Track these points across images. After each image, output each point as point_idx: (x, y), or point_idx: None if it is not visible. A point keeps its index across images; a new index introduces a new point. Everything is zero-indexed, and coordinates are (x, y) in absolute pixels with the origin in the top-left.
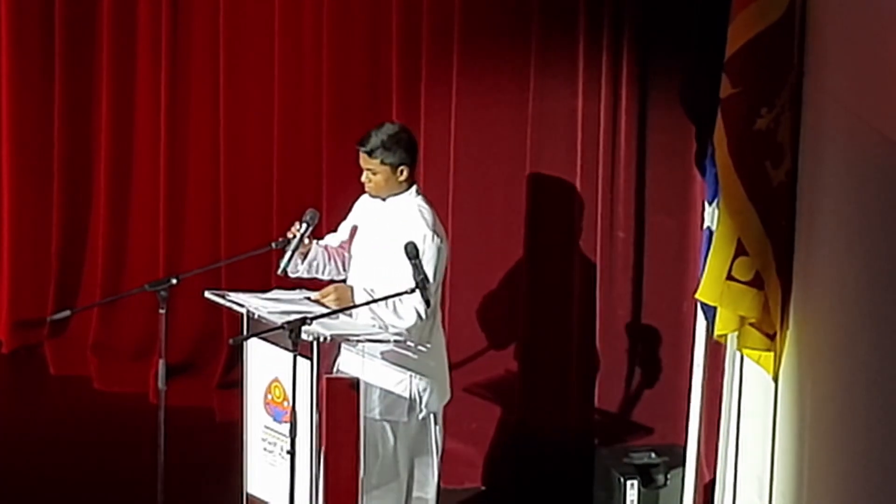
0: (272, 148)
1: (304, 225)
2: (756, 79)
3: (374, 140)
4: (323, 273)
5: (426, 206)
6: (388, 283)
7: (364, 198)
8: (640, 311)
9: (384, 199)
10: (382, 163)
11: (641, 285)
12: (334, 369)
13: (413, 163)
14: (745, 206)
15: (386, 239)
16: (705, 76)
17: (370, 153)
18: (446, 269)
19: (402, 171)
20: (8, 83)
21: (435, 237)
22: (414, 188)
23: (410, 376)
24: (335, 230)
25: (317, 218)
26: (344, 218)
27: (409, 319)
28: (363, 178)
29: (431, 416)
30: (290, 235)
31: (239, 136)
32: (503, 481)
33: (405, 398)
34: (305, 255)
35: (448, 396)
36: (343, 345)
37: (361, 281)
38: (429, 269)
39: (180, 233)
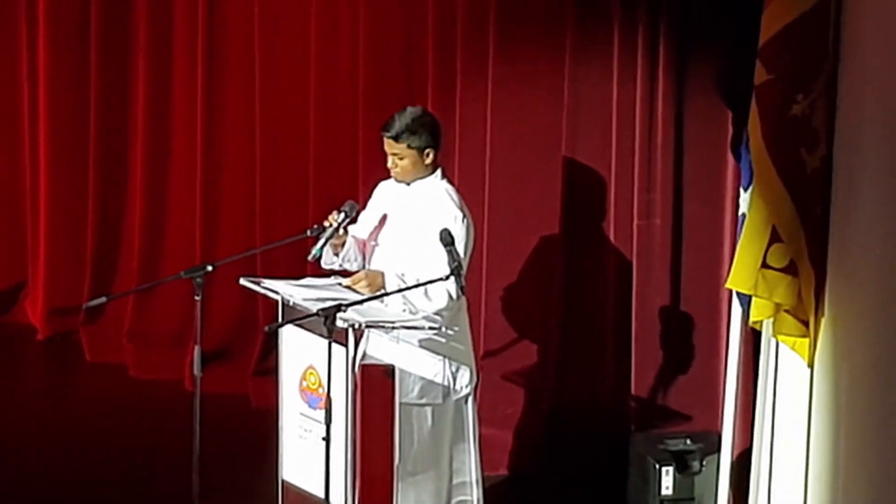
0: (308, 135)
1: (343, 214)
2: (791, 65)
3: (399, 124)
4: (353, 264)
5: (452, 189)
6: (418, 266)
7: (384, 185)
8: (677, 298)
9: (409, 184)
10: (409, 147)
11: (679, 272)
12: (360, 353)
13: (438, 146)
14: (779, 192)
15: (415, 223)
16: (742, 62)
17: (396, 138)
18: (474, 251)
19: (428, 154)
20: (45, 70)
21: (465, 218)
22: (439, 171)
23: (443, 360)
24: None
25: (356, 209)
26: (363, 207)
27: (440, 302)
28: (389, 164)
29: (466, 398)
30: (326, 224)
31: (275, 124)
32: (539, 467)
33: (438, 382)
34: (341, 246)
35: (476, 378)
36: (373, 330)
37: (391, 266)
38: (460, 250)
39: (216, 220)
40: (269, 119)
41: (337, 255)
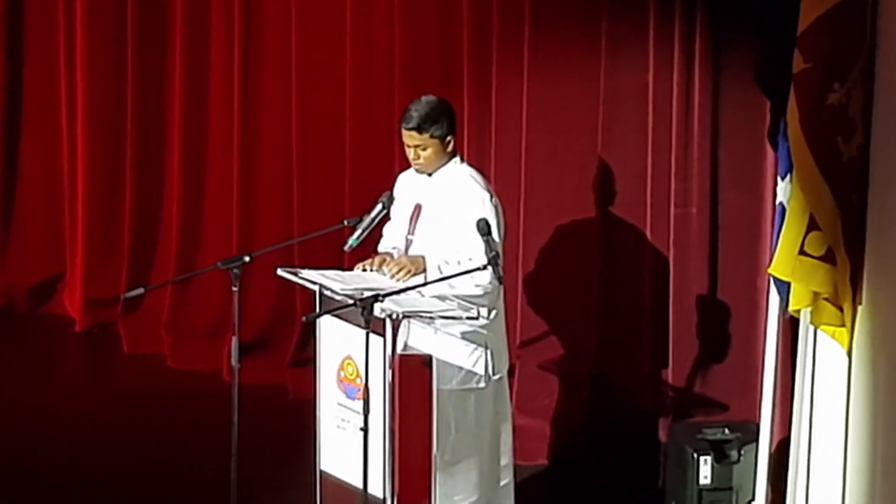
0: (345, 126)
1: (380, 205)
2: (828, 54)
3: (420, 115)
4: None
5: (475, 172)
6: (458, 253)
7: (404, 177)
8: (714, 287)
9: (430, 174)
10: (432, 136)
11: (716, 262)
12: (401, 345)
13: (455, 132)
14: (816, 180)
15: (445, 212)
16: (779, 51)
17: (419, 129)
18: (508, 240)
19: (448, 142)
20: (82, 60)
21: (492, 198)
22: (457, 157)
23: (482, 347)
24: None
25: (393, 200)
26: (388, 217)
27: (480, 288)
28: (411, 157)
29: (502, 381)
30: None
31: (312, 115)
32: (576, 457)
33: (478, 370)
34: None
35: (507, 364)
36: (414, 321)
37: (424, 250)
38: (494, 234)
39: (253, 210)
40: (305, 110)
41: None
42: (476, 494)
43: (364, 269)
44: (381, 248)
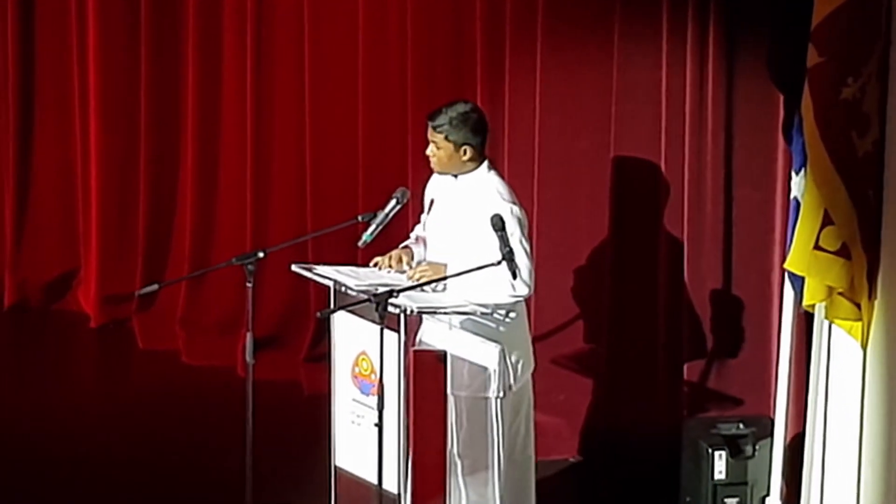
0: (357, 121)
1: (394, 201)
2: (842, 48)
3: (443, 116)
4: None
5: (500, 181)
6: (479, 257)
7: (434, 180)
8: (729, 282)
9: (456, 177)
10: (446, 139)
11: (730, 257)
12: (417, 340)
13: (480, 144)
14: (831, 175)
15: (462, 217)
16: (793, 45)
17: (436, 128)
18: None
19: (465, 151)
20: (95, 55)
21: (515, 208)
22: (485, 164)
23: (502, 350)
24: (419, 220)
25: (407, 196)
26: (421, 209)
27: (522, 290)
28: (428, 152)
29: (527, 385)
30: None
31: (325, 110)
32: (591, 453)
33: (497, 372)
34: (412, 259)
35: (533, 365)
36: (428, 317)
37: (439, 259)
38: (524, 243)
39: (267, 206)
40: (319, 105)
41: (409, 266)
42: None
43: (378, 266)
44: (411, 235)
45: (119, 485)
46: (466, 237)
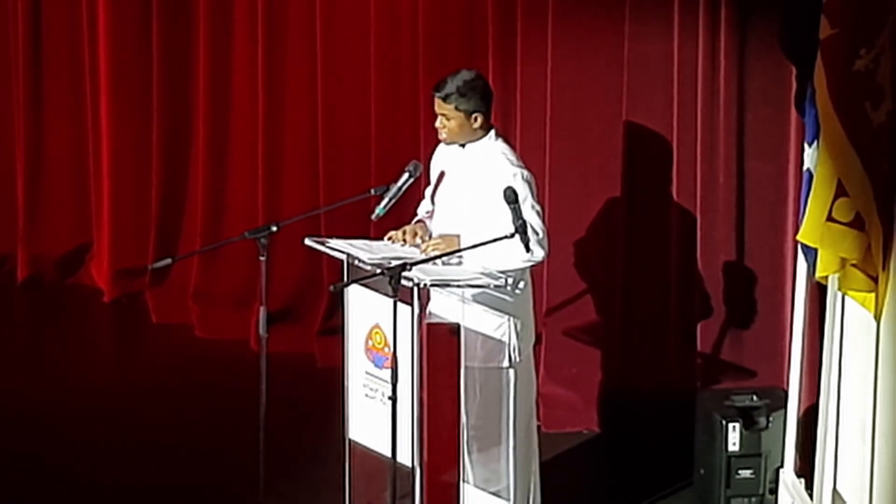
0: (370, 94)
1: (406, 174)
2: (855, 19)
3: (450, 86)
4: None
5: (508, 148)
6: (492, 229)
7: (439, 150)
8: (742, 254)
9: (463, 147)
10: (457, 109)
11: (743, 229)
12: (427, 313)
13: (487, 110)
14: (844, 146)
15: (472, 186)
16: (805, 16)
17: (445, 98)
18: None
19: (475, 119)
20: (105, 28)
21: (524, 172)
22: (492, 132)
23: (508, 319)
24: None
25: (419, 169)
26: (427, 182)
27: (539, 254)
28: (437, 124)
29: (529, 359)
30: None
31: (337, 83)
32: (604, 425)
33: (504, 342)
34: (427, 234)
35: (534, 338)
36: (438, 290)
37: (448, 229)
38: (528, 206)
39: (279, 180)
40: (331, 78)
41: (423, 240)
42: (503, 482)
43: (391, 241)
44: (418, 212)
45: (133, 459)
46: (477, 206)
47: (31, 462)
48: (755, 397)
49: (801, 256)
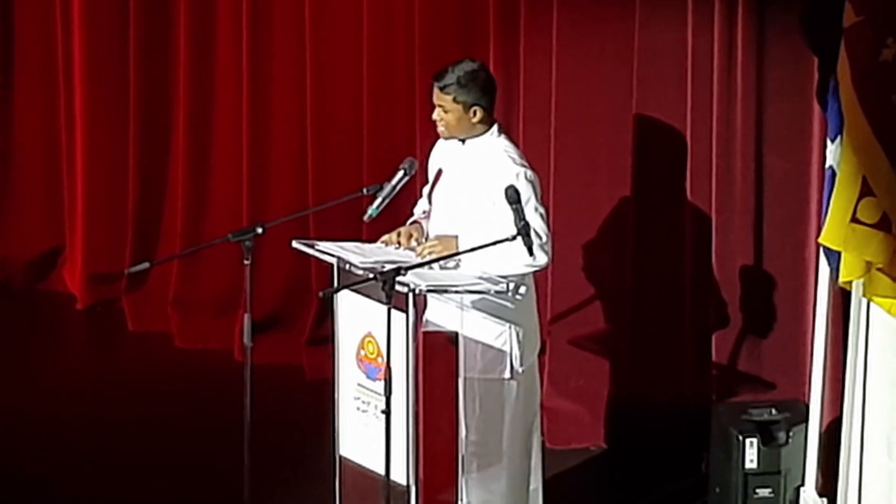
0: (362, 86)
1: (401, 172)
2: (881, 6)
3: (450, 75)
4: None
5: (510, 145)
6: (493, 232)
7: (438, 146)
8: (760, 257)
9: (463, 142)
10: (455, 100)
11: (761, 230)
12: (423, 321)
13: (489, 104)
14: (870, 142)
15: (472, 184)
16: (828, 4)
17: (443, 88)
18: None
19: (474, 112)
20: (80, 19)
21: (527, 172)
22: (495, 128)
23: (509, 327)
24: (421, 194)
25: (415, 167)
26: (424, 181)
27: (542, 259)
28: (434, 116)
29: (532, 368)
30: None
31: (326, 74)
32: (612, 441)
33: (505, 352)
34: (422, 236)
35: (539, 347)
36: (435, 296)
37: (446, 229)
38: (531, 207)
39: (265, 179)
40: (320, 70)
41: (419, 242)
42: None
43: (385, 244)
44: (414, 212)
45: (109, 476)
46: (477, 207)
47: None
48: (774, 411)
49: (823, 260)
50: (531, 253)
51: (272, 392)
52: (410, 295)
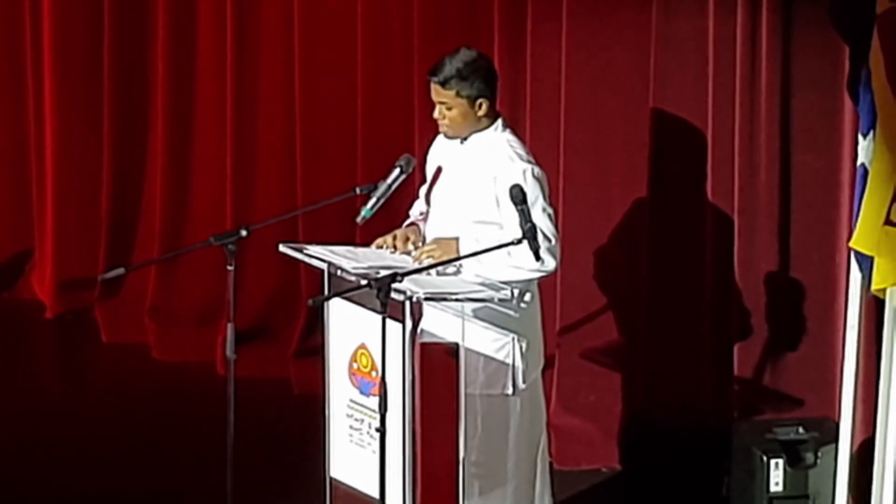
0: (356, 76)
1: (398, 170)
2: None
3: (449, 68)
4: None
5: (516, 140)
6: (496, 234)
7: (437, 144)
8: (786, 263)
9: (464, 139)
10: (458, 95)
11: (788, 234)
12: (419, 330)
13: (493, 95)
14: None
15: (473, 183)
16: None
17: (444, 84)
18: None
19: (480, 105)
20: (50, 11)
21: (534, 169)
22: (499, 122)
23: (513, 339)
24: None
25: (412, 165)
26: (422, 180)
27: (550, 263)
28: (436, 115)
29: (536, 382)
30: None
31: (317, 64)
32: (626, 462)
33: (507, 365)
34: (421, 239)
35: (544, 360)
36: (433, 304)
37: (445, 232)
38: (539, 208)
39: (250, 177)
40: (310, 62)
41: (416, 246)
42: None
43: (380, 247)
44: (410, 213)
45: (81, 497)
46: (479, 207)
47: None
48: (801, 430)
49: (854, 266)
50: (538, 257)
51: (257, 408)
52: (407, 303)
